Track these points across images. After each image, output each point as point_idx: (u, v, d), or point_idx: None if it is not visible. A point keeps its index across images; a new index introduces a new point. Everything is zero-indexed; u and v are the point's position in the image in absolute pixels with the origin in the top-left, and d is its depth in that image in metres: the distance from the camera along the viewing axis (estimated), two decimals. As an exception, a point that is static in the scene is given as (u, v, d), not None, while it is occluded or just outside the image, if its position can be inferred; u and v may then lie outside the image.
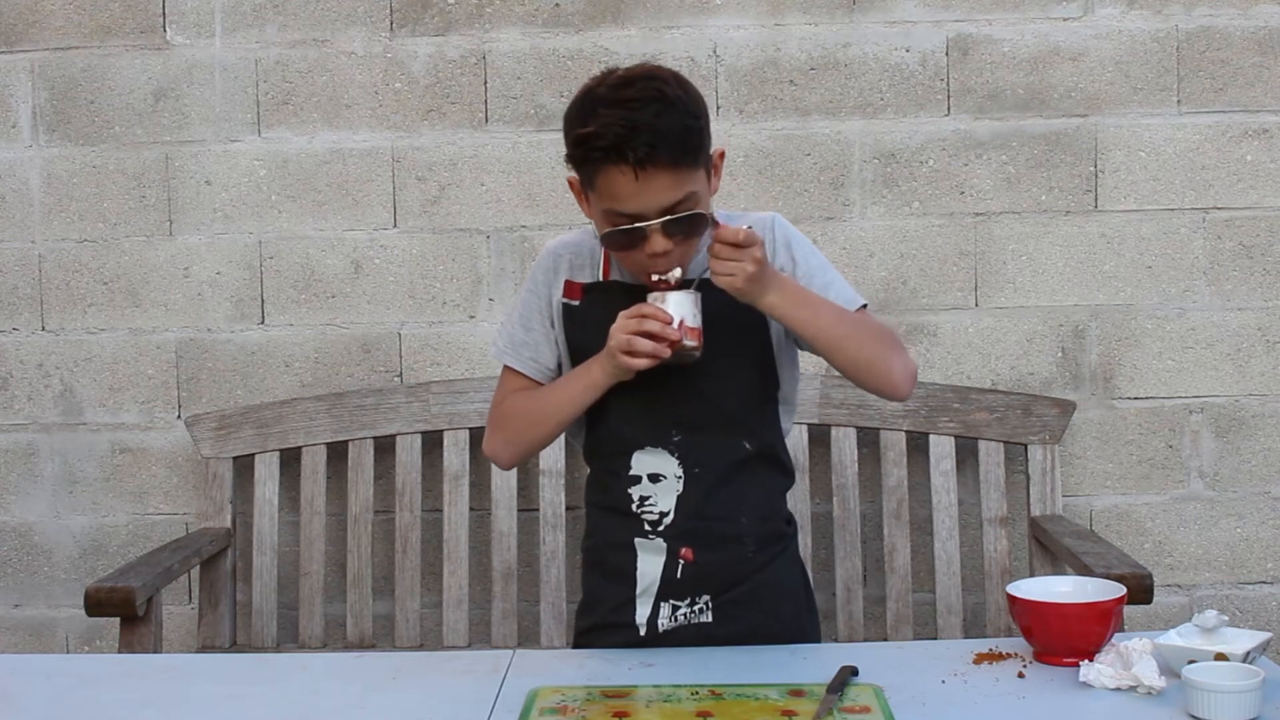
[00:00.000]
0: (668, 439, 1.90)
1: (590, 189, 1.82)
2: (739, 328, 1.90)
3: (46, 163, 3.20)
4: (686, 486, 1.91)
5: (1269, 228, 3.12)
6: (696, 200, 1.80)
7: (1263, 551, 3.15)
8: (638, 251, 1.80)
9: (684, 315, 1.77)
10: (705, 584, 1.91)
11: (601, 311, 1.87)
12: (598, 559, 1.99)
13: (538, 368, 1.98)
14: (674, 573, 1.91)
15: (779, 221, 1.96)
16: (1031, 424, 3.02)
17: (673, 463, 1.91)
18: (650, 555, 1.92)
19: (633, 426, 1.91)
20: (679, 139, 1.75)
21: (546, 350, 1.98)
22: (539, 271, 1.99)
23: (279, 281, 3.19)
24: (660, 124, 1.73)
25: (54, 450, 3.24)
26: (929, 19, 3.11)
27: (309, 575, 3.09)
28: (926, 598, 3.07)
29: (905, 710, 1.61)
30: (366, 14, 3.15)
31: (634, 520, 1.92)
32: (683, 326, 1.77)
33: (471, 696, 1.72)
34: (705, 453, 1.90)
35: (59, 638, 3.26)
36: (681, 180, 1.77)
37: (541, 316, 1.98)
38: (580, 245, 1.98)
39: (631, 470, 1.92)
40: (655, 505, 1.91)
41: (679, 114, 1.76)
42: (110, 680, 1.85)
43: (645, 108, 1.74)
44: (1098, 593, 1.80)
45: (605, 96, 1.78)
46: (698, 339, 1.79)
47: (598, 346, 1.86)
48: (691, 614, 1.92)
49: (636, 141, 1.72)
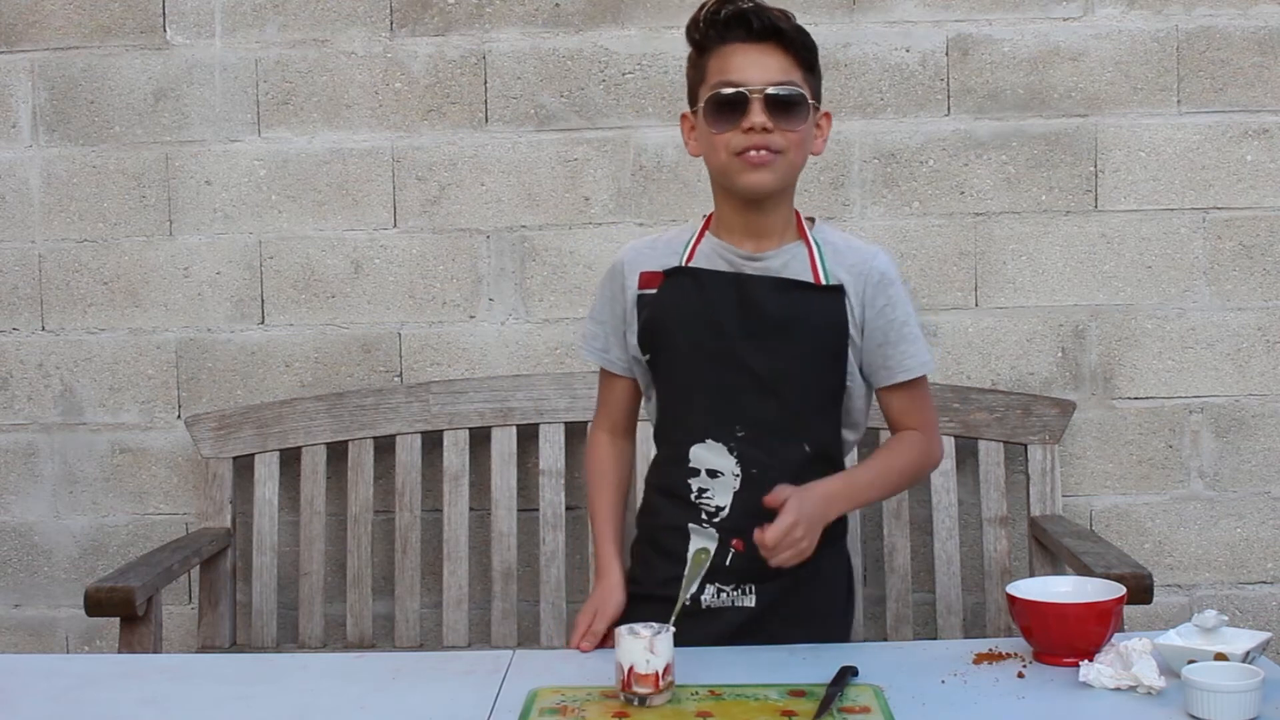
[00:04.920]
0: (731, 434, 1.93)
1: (703, 82, 1.91)
2: (817, 328, 1.93)
3: (46, 163, 3.20)
4: (744, 486, 1.94)
5: (1269, 228, 3.12)
6: (804, 101, 1.90)
7: (1263, 551, 3.15)
8: (736, 126, 1.87)
9: (634, 662, 1.65)
10: (752, 573, 1.94)
11: (683, 295, 1.95)
12: (652, 536, 2.03)
13: (607, 359, 2.07)
14: (724, 559, 1.95)
15: (882, 259, 2.00)
16: (1031, 424, 3.02)
17: (731, 461, 1.94)
18: (702, 540, 1.96)
19: (699, 417, 1.95)
20: (795, 29, 1.91)
21: (615, 344, 2.05)
22: (613, 271, 2.06)
23: (279, 281, 3.19)
24: (779, 13, 1.91)
25: (54, 450, 3.24)
26: (929, 19, 3.11)
27: (309, 575, 3.09)
28: (926, 598, 3.07)
29: (905, 710, 1.61)
30: (366, 14, 3.15)
31: (692, 508, 1.96)
32: (631, 673, 1.64)
33: (471, 696, 1.72)
34: (765, 454, 1.93)
35: (59, 638, 3.26)
36: (789, 69, 1.89)
37: (613, 313, 2.04)
38: (657, 242, 2.05)
39: (691, 463, 1.96)
40: (712, 499, 1.95)
41: (797, 23, 1.93)
42: (110, 680, 1.85)
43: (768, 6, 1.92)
44: (1098, 593, 1.80)
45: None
46: (653, 685, 1.64)
47: (679, 329, 1.94)
48: (735, 596, 1.95)
49: (757, 14, 1.88)
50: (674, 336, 1.96)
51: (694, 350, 1.94)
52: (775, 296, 1.93)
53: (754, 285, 1.94)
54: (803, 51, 1.91)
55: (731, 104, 1.87)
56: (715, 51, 1.90)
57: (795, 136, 1.89)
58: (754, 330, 1.92)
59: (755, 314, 1.92)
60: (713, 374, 1.91)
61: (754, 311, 1.92)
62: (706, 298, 1.94)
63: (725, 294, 1.94)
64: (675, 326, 1.95)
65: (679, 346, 1.96)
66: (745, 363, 1.91)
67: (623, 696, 1.65)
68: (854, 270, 1.97)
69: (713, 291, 1.94)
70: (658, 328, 1.97)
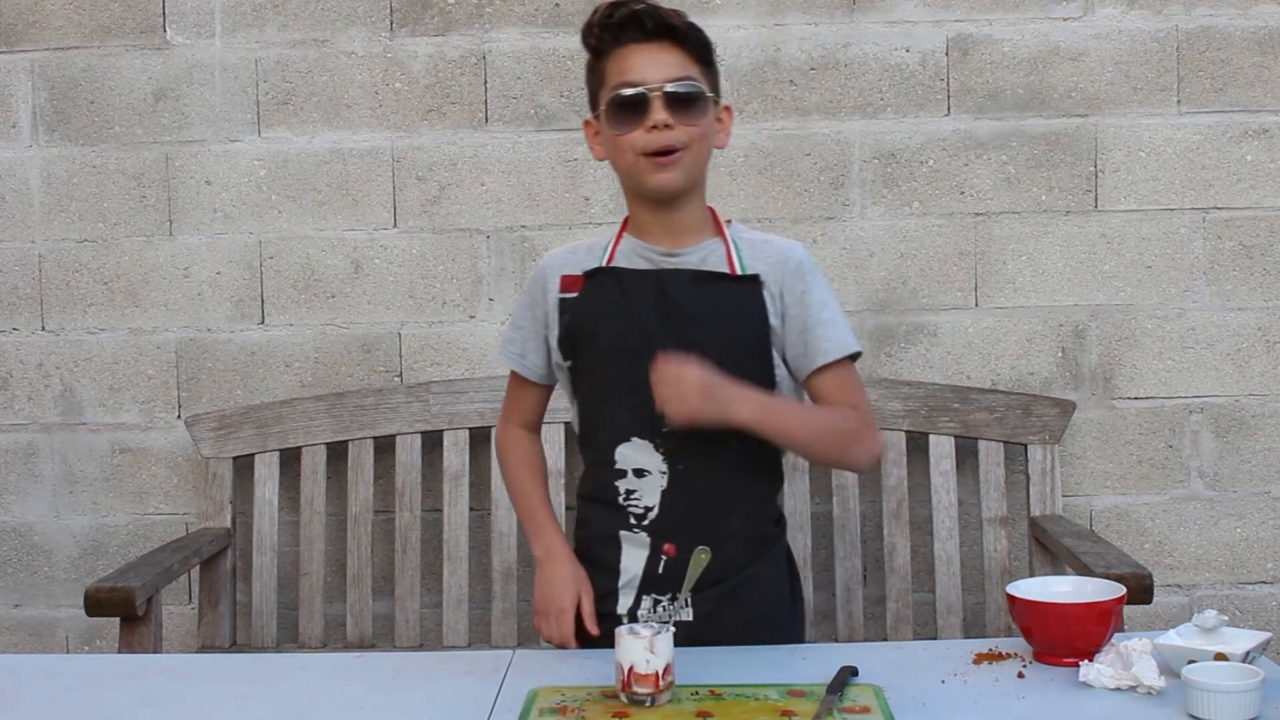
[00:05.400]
0: (656, 431, 1.90)
1: (602, 86, 1.93)
2: (736, 319, 1.92)
3: (46, 163, 3.20)
4: (671, 483, 1.92)
5: (1269, 228, 3.12)
6: (703, 95, 1.91)
7: (1263, 551, 3.15)
8: (639, 125, 1.88)
9: (634, 662, 1.65)
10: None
11: (603, 295, 1.94)
12: (585, 550, 2.01)
13: (523, 364, 2.07)
14: (656, 567, 1.93)
15: (799, 250, 1.99)
16: (1031, 424, 3.02)
17: (657, 458, 1.92)
18: (634, 549, 1.94)
19: (623, 416, 1.93)
20: (688, 26, 1.93)
21: (532, 349, 2.05)
22: (535, 277, 2.05)
23: (279, 281, 3.19)
24: (672, 12, 1.93)
25: (54, 450, 3.24)
26: (929, 19, 3.11)
27: (309, 575, 3.09)
28: (926, 598, 3.07)
29: (905, 710, 1.61)
30: (366, 14, 3.15)
31: (620, 513, 1.94)
32: (631, 673, 1.65)
33: (471, 696, 1.72)
34: (691, 450, 1.91)
35: (59, 638, 3.26)
36: (686, 64, 1.91)
37: (533, 318, 2.04)
38: (579, 248, 2.05)
39: (617, 464, 1.94)
40: (640, 500, 1.93)
41: (690, 21, 1.95)
42: (110, 680, 1.85)
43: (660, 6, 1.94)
44: (1097, 593, 1.80)
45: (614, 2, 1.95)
46: (653, 685, 1.65)
47: (600, 330, 1.93)
48: (673, 609, 1.93)
49: (650, 14, 1.90)
50: (595, 337, 1.95)
51: (616, 349, 1.93)
52: (693, 290, 1.92)
53: (672, 280, 1.93)
54: (698, 47, 1.93)
55: (632, 104, 1.88)
56: (612, 54, 1.92)
57: (697, 131, 1.90)
58: (674, 325, 1.90)
59: (674, 309, 1.91)
60: (635, 372, 1.87)
61: (673, 306, 1.91)
62: (627, 296, 1.93)
63: (645, 291, 1.93)
64: (597, 327, 1.94)
65: (601, 347, 1.95)
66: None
67: (623, 696, 1.65)
68: (771, 261, 1.96)
69: (632, 289, 1.94)
70: (579, 330, 1.96)
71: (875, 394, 3.02)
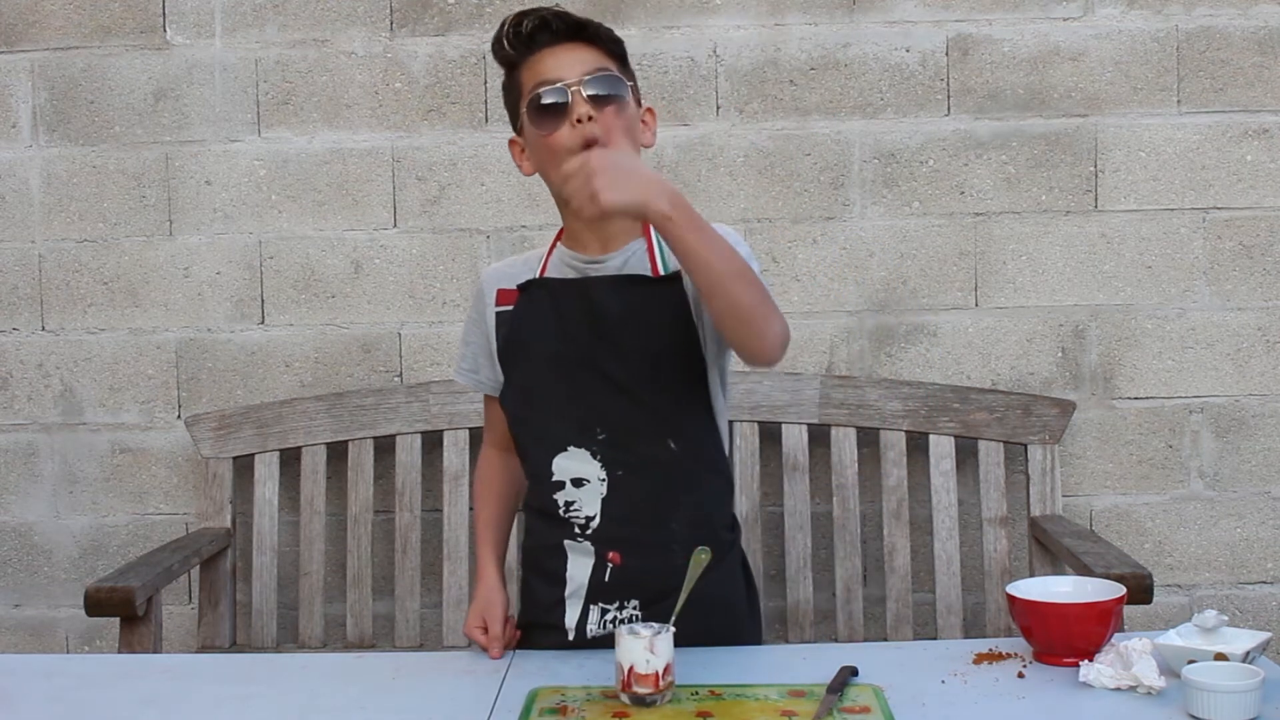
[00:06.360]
0: (592, 438, 1.89)
1: (521, 96, 1.90)
2: (661, 321, 1.89)
3: (46, 163, 3.20)
4: (610, 490, 1.89)
5: (1269, 228, 3.12)
6: (624, 85, 1.89)
7: (1263, 551, 3.15)
8: (563, 124, 1.85)
9: (634, 662, 1.65)
10: (634, 589, 1.89)
11: (535, 307, 1.94)
12: (533, 561, 2.00)
13: (477, 379, 2.07)
14: (602, 576, 1.90)
15: (721, 229, 1.85)
16: (1031, 424, 3.02)
17: (595, 466, 1.89)
18: (579, 558, 1.92)
19: (557, 425, 1.91)
20: (598, 25, 1.91)
21: (484, 364, 2.05)
22: (476, 291, 2.06)
23: (279, 281, 3.19)
24: (573, 13, 1.92)
25: (54, 450, 3.24)
26: (929, 19, 3.11)
27: (309, 575, 3.09)
28: (926, 598, 3.07)
29: (905, 710, 1.61)
30: (366, 14, 3.15)
31: (563, 524, 1.92)
32: (631, 673, 1.64)
33: (471, 696, 1.72)
34: (628, 454, 1.88)
35: (59, 638, 3.26)
36: (602, 59, 1.89)
37: (480, 333, 2.04)
38: (516, 261, 2.05)
39: (555, 476, 1.91)
40: (581, 510, 1.91)
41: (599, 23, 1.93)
42: (110, 680, 1.85)
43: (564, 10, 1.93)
44: (1097, 593, 1.80)
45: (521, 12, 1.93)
46: (653, 685, 1.64)
47: (533, 341, 1.92)
48: (621, 619, 1.89)
49: (557, 16, 1.89)
50: (529, 349, 1.93)
51: (548, 361, 1.91)
52: (616, 295, 1.90)
53: (595, 288, 1.91)
54: (610, 44, 1.91)
55: (554, 103, 1.85)
56: (526, 63, 1.90)
57: (620, 113, 1.86)
58: (603, 333, 1.88)
59: (601, 316, 1.89)
60: (568, 382, 1.87)
61: (599, 314, 1.89)
62: (557, 307, 1.92)
63: (573, 301, 1.91)
64: (530, 339, 1.93)
65: (534, 359, 1.93)
66: (598, 366, 1.87)
67: (623, 696, 1.65)
68: None
69: (562, 300, 1.92)
70: (514, 343, 1.95)
71: (875, 394, 3.03)
